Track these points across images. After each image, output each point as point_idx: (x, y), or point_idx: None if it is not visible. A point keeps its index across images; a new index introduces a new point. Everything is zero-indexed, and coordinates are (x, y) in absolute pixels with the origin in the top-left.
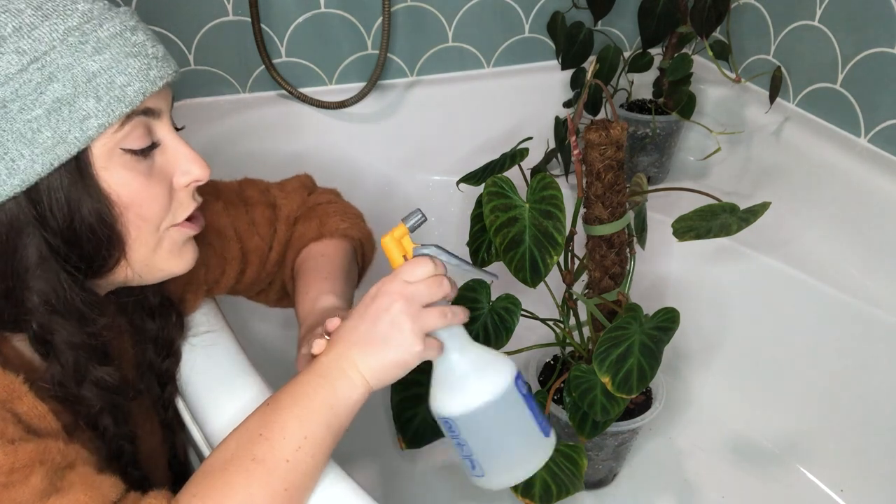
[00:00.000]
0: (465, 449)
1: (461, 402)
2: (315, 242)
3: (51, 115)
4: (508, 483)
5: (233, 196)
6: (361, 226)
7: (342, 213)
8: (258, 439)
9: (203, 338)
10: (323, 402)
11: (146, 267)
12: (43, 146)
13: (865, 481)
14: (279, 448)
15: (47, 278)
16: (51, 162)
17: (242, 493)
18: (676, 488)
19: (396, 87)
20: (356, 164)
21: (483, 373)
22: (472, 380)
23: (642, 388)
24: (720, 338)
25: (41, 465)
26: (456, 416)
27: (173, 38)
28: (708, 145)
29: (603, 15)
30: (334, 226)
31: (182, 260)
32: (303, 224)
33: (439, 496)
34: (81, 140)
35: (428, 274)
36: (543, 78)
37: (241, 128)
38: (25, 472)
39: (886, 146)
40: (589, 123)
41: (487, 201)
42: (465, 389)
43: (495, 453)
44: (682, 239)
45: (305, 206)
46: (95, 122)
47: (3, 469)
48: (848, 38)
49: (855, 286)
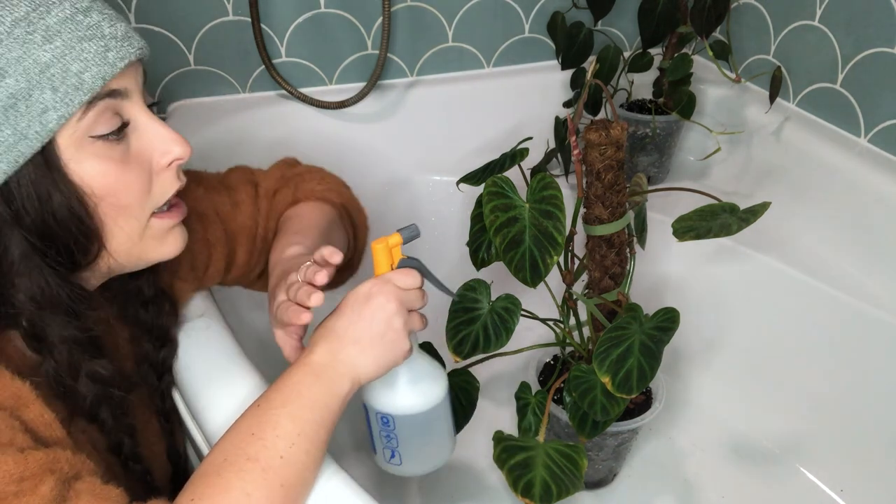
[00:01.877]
0: (391, 442)
1: (408, 404)
2: (291, 207)
3: (7, 111)
4: (420, 473)
5: (214, 182)
6: (343, 192)
7: (319, 178)
8: (251, 439)
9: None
10: (316, 399)
11: (130, 256)
12: (4, 144)
13: (865, 481)
14: (273, 446)
15: (31, 275)
16: (15, 159)
17: (239, 492)
18: (676, 488)
19: (396, 87)
20: (356, 164)
21: (430, 380)
22: (422, 385)
23: (642, 388)
24: (720, 338)
25: (51, 473)
26: (399, 415)
27: (173, 38)
28: (708, 145)
29: (603, 15)
30: (309, 188)
31: (168, 245)
32: (280, 193)
33: (439, 496)
34: (43, 134)
35: (417, 284)
36: (543, 78)
37: (241, 128)
38: (35, 480)
39: (886, 146)
40: (589, 123)
41: (487, 201)
42: (413, 393)
43: (419, 449)
44: (682, 239)
45: (283, 178)
46: (55, 115)
47: (13, 477)
48: (848, 38)
49: (855, 286)
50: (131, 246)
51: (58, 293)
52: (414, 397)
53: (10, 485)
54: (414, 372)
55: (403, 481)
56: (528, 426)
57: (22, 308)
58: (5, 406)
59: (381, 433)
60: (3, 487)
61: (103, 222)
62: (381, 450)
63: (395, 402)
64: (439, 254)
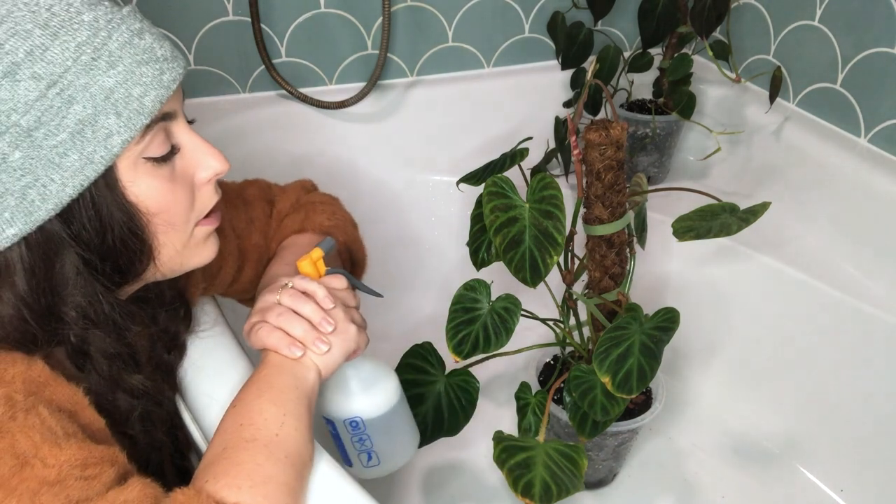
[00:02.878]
0: (365, 444)
1: (374, 405)
2: (296, 235)
3: (75, 137)
4: (396, 467)
5: (232, 195)
6: (349, 230)
7: (330, 213)
8: (242, 428)
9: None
10: (287, 385)
11: (173, 265)
12: (71, 169)
13: (865, 481)
14: (265, 427)
15: (84, 292)
16: (80, 183)
17: (250, 464)
18: (676, 488)
19: (396, 87)
20: (356, 164)
21: (384, 378)
22: (379, 384)
23: (642, 388)
24: (720, 338)
25: (111, 465)
26: (369, 417)
27: (173, 38)
28: (708, 145)
29: (603, 15)
30: (317, 221)
31: (206, 251)
32: (290, 217)
33: (439, 496)
34: (108, 158)
35: (345, 286)
36: (543, 78)
37: (241, 128)
38: (98, 469)
39: (886, 146)
40: (589, 123)
41: (487, 201)
42: (374, 392)
43: (393, 444)
44: (682, 239)
45: (298, 203)
46: (119, 139)
47: (78, 462)
48: (848, 38)
49: (855, 286)
50: (175, 256)
51: (107, 309)
52: (376, 396)
53: (75, 469)
54: (366, 374)
55: (403, 481)
56: (528, 426)
57: (72, 324)
58: (64, 408)
59: (353, 440)
60: (69, 471)
61: (155, 237)
62: (356, 458)
63: (361, 406)
64: (439, 254)
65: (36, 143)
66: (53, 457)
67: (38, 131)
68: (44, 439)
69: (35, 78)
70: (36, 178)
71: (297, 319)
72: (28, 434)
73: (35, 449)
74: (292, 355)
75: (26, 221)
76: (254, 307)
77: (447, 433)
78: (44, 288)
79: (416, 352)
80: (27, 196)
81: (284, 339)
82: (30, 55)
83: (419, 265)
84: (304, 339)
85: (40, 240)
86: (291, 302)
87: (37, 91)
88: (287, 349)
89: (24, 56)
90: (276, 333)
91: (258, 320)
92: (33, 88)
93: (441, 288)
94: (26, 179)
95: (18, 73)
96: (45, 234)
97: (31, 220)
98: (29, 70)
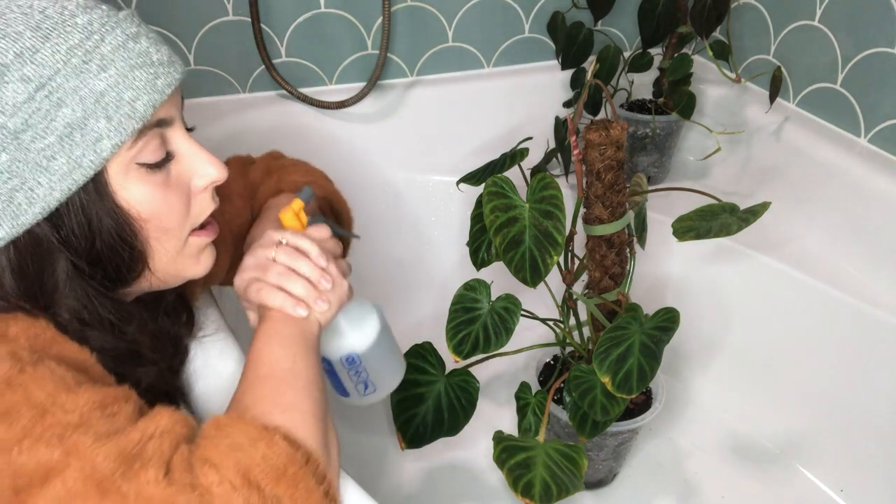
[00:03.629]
0: (361, 376)
1: (364, 337)
2: (273, 197)
3: (63, 140)
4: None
5: None
6: (325, 185)
7: (303, 171)
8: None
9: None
10: (293, 333)
11: (168, 273)
12: (59, 173)
13: (865, 481)
14: (278, 365)
15: (76, 296)
16: (68, 187)
17: (273, 393)
18: (676, 488)
19: (396, 87)
20: (356, 164)
21: (368, 313)
22: (366, 319)
23: (642, 388)
24: (720, 338)
25: (127, 401)
26: (363, 350)
27: (173, 38)
28: (708, 145)
29: (603, 15)
30: (291, 179)
31: (202, 263)
32: (265, 185)
33: (439, 496)
34: (97, 163)
35: (329, 234)
36: (543, 78)
37: (241, 128)
38: (117, 406)
39: (886, 146)
40: (589, 123)
41: (487, 201)
42: (363, 327)
43: (385, 368)
44: (682, 239)
45: (269, 169)
46: (108, 143)
47: (96, 404)
48: (848, 38)
49: (855, 286)
50: (170, 263)
51: (101, 310)
52: (365, 330)
53: (95, 410)
54: (352, 312)
55: (403, 481)
56: (528, 426)
57: (67, 325)
58: (73, 363)
59: (350, 373)
60: (90, 412)
61: (147, 243)
62: (353, 389)
63: (353, 342)
64: (439, 254)
65: (23, 146)
66: (72, 402)
67: (25, 134)
68: (57, 388)
69: (24, 80)
70: (23, 182)
71: (297, 278)
72: (40, 384)
73: (51, 397)
74: (299, 315)
75: (13, 225)
76: (245, 262)
77: (447, 433)
78: (35, 291)
79: (416, 352)
80: (14, 199)
81: (289, 300)
82: (19, 57)
83: (419, 265)
84: (306, 299)
85: (29, 243)
86: (288, 260)
87: (25, 93)
88: (293, 310)
89: (14, 58)
90: (280, 294)
91: (255, 277)
92: (21, 91)
93: (441, 288)
94: (13, 182)
95: (7, 75)
96: (34, 238)
97: (18, 224)
98: (18, 72)
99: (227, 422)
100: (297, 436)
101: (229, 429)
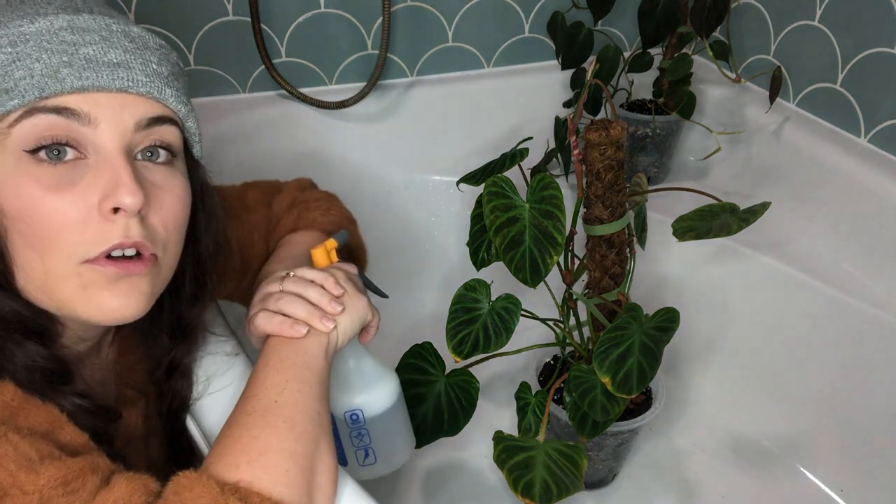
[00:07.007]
0: (363, 440)
1: (374, 400)
2: (290, 234)
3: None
4: (392, 468)
5: (234, 201)
6: (346, 226)
7: (325, 209)
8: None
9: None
10: (291, 352)
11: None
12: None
13: (865, 481)
14: (265, 396)
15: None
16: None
17: (246, 438)
18: (676, 488)
19: (396, 87)
20: (356, 164)
21: (386, 375)
22: (382, 381)
23: (642, 388)
24: (720, 338)
25: (93, 473)
26: (370, 412)
27: (173, 38)
28: (708, 145)
29: (603, 15)
30: (311, 218)
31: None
32: (285, 218)
33: (439, 496)
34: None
35: (355, 272)
36: (543, 78)
37: (241, 128)
38: (80, 480)
39: (886, 146)
40: (589, 123)
41: (487, 201)
42: (377, 389)
43: (391, 441)
44: (682, 239)
45: (293, 203)
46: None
47: (58, 482)
48: (848, 38)
49: (855, 286)
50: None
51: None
52: (377, 392)
53: (56, 488)
54: (367, 370)
55: (403, 481)
56: (528, 426)
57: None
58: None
59: (352, 434)
60: (50, 492)
61: (14, 248)
62: (353, 455)
63: (362, 400)
64: (439, 254)
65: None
66: (31, 483)
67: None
68: (19, 467)
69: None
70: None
71: (300, 300)
72: (2, 465)
73: (12, 478)
74: (297, 334)
75: None
76: (253, 300)
77: (447, 433)
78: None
79: (416, 352)
80: None
81: (287, 321)
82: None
83: (419, 265)
84: (308, 319)
85: None
86: (295, 287)
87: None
88: (290, 329)
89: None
90: (276, 317)
91: (259, 309)
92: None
93: (441, 288)
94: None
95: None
96: None
97: None
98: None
99: (187, 484)
100: (262, 488)
101: (187, 493)
